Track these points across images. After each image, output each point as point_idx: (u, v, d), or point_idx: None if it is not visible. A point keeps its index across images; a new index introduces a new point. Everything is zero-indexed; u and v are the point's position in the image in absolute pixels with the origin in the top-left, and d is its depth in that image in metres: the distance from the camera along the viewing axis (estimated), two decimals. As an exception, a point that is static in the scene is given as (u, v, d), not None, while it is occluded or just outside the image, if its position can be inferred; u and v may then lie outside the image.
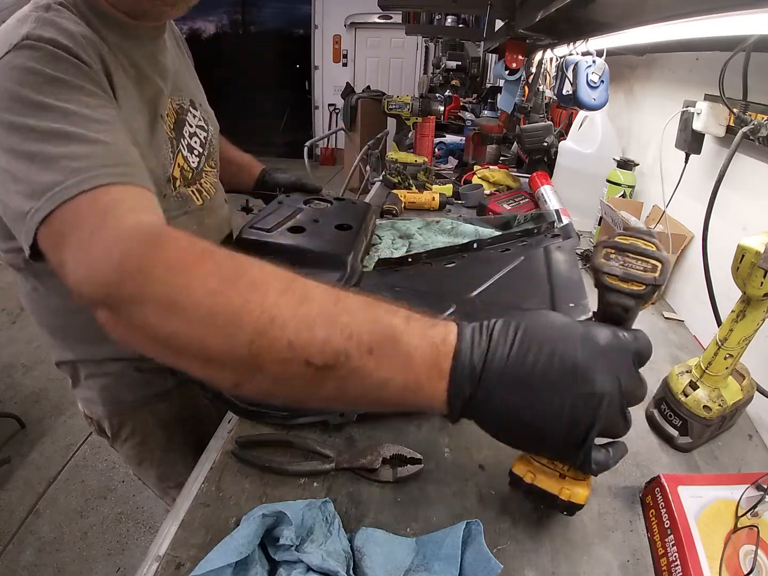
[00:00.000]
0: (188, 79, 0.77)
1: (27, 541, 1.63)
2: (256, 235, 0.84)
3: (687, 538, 0.47)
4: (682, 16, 0.69)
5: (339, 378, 0.35)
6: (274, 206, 0.96)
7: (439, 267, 0.91)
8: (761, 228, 0.58)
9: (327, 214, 0.98)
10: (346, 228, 0.93)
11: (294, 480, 0.56)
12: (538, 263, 0.89)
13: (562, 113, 1.91)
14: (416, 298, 0.80)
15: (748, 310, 0.56)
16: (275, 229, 0.87)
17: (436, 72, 4.53)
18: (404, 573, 0.46)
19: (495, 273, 0.86)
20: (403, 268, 0.91)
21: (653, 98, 1.27)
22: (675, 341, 0.90)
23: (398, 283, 0.86)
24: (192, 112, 0.73)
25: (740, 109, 0.78)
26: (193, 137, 0.72)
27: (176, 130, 0.67)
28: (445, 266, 0.91)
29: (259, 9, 6.72)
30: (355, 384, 0.36)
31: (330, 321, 0.35)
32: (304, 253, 0.83)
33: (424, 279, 0.88)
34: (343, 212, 1.00)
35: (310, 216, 0.94)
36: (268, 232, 0.86)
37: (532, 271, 0.88)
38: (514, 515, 0.54)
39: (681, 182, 0.93)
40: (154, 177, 0.58)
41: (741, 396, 0.64)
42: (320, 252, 0.83)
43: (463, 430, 0.65)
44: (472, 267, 0.90)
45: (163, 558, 0.47)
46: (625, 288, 0.40)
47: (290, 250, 0.83)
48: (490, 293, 0.82)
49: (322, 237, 0.88)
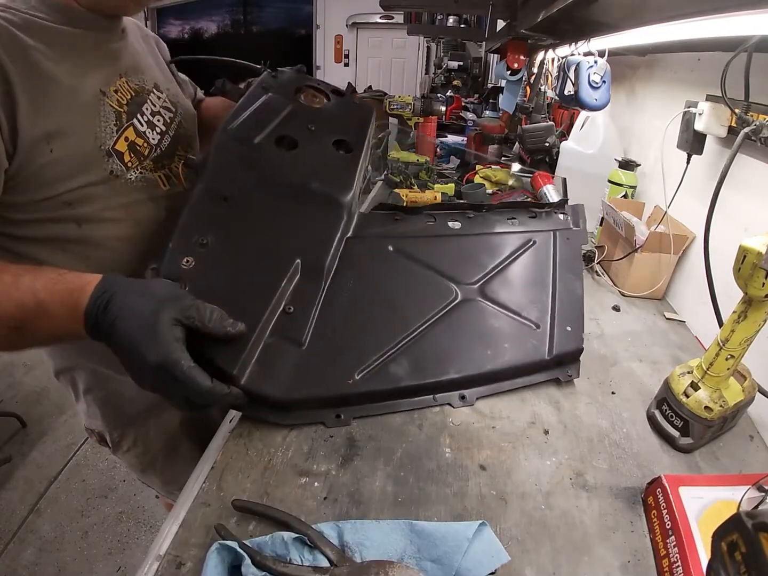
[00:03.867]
0: (154, 68, 0.78)
1: (28, 540, 1.64)
2: (236, 148, 0.72)
3: (688, 539, 0.47)
4: (683, 16, 0.69)
5: (23, 334, 0.54)
6: (257, 92, 0.79)
7: (442, 226, 0.81)
8: (763, 229, 0.58)
9: (323, 118, 0.82)
10: (345, 146, 0.79)
11: (295, 479, 0.56)
12: (544, 257, 0.81)
13: (564, 113, 1.91)
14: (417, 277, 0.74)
15: (749, 310, 0.56)
16: (259, 134, 0.74)
17: (437, 72, 4.53)
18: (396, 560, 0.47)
19: (499, 257, 0.79)
20: (403, 218, 0.80)
21: (655, 98, 1.27)
22: (676, 342, 0.90)
23: (397, 245, 0.76)
24: (156, 93, 0.74)
25: (742, 110, 0.78)
26: (155, 115, 0.73)
27: (130, 105, 0.68)
28: (448, 224, 0.81)
29: (260, 9, 6.72)
30: (34, 338, 0.56)
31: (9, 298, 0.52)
32: (297, 189, 0.71)
33: (424, 245, 0.78)
34: (342, 117, 0.85)
35: (303, 119, 0.79)
36: (251, 145, 0.73)
37: (537, 267, 0.81)
38: (515, 515, 0.54)
39: (683, 183, 0.93)
40: (82, 149, 0.60)
41: (742, 397, 0.64)
42: (318, 192, 0.71)
43: (464, 431, 0.65)
44: (478, 242, 0.81)
45: (164, 557, 0.47)
46: None
47: (280, 181, 0.72)
48: (494, 285, 0.76)
49: (318, 160, 0.75)
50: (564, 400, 0.72)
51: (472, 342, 0.70)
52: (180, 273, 0.60)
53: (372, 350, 0.65)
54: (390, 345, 0.66)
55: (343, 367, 0.63)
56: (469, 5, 1.88)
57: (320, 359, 0.63)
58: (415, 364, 0.66)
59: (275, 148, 0.74)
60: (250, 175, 0.71)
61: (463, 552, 0.47)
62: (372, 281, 0.72)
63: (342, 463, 0.59)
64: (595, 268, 1.14)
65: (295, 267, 0.66)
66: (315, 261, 0.68)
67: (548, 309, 0.75)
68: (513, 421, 0.67)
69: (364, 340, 0.66)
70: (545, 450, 0.63)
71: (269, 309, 0.62)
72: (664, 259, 1.00)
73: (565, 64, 1.27)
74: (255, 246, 0.67)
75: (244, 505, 0.51)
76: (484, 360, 0.69)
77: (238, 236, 0.67)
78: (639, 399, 0.74)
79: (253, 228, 0.68)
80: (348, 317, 0.67)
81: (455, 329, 0.70)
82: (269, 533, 0.48)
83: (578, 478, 0.59)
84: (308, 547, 0.47)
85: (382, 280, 0.73)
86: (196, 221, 0.65)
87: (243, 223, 0.68)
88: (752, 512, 0.29)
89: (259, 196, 0.70)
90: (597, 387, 0.76)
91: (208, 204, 0.67)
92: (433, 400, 0.68)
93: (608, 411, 0.71)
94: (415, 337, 0.68)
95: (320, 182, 0.72)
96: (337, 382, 0.62)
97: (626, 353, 0.85)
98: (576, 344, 0.73)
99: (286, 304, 0.64)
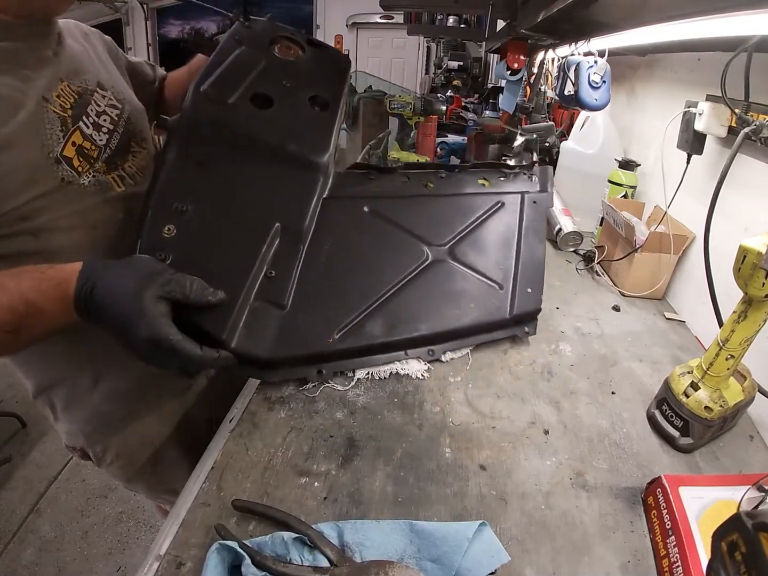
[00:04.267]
0: (97, 66, 0.77)
1: (28, 540, 1.64)
2: (210, 109, 0.70)
3: (688, 539, 0.47)
4: (683, 16, 0.69)
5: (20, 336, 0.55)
6: (230, 45, 0.77)
7: (417, 186, 0.82)
8: (763, 229, 0.58)
9: (298, 72, 0.80)
10: (321, 102, 0.78)
11: (295, 479, 0.56)
12: (511, 220, 0.85)
13: (564, 113, 1.91)
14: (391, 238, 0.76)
15: (749, 310, 0.56)
16: (233, 94, 0.72)
17: (437, 72, 4.53)
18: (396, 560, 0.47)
19: (469, 218, 0.82)
20: (378, 178, 0.81)
21: (655, 98, 1.27)
22: (676, 342, 0.90)
23: (372, 206, 0.77)
24: (100, 92, 0.73)
25: (742, 110, 0.78)
26: (101, 116, 0.71)
27: (74, 108, 0.67)
28: (423, 185, 0.82)
29: (261, 9, 6.72)
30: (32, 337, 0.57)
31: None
32: (273, 151, 0.71)
33: (398, 206, 0.79)
34: (317, 70, 0.84)
35: (278, 74, 0.77)
36: (225, 104, 0.71)
37: (504, 230, 0.84)
38: (515, 515, 0.54)
39: (683, 183, 0.93)
40: (30, 159, 0.59)
41: (742, 397, 0.64)
42: (295, 154, 0.71)
43: (464, 431, 0.65)
44: (449, 203, 0.83)
45: (164, 557, 0.47)
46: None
47: (256, 143, 0.71)
48: (463, 247, 0.79)
49: (294, 119, 0.74)
50: (564, 400, 0.72)
51: (441, 301, 0.75)
52: (162, 242, 0.61)
53: (349, 310, 0.69)
54: (365, 305, 0.70)
55: (323, 326, 0.68)
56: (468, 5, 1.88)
57: (302, 320, 0.66)
58: (389, 323, 0.71)
59: (250, 108, 0.72)
60: (226, 138, 0.70)
61: (463, 552, 0.47)
62: (348, 243, 0.74)
63: (342, 463, 0.59)
64: (595, 268, 1.14)
65: (274, 231, 0.67)
66: (294, 224, 0.70)
67: (512, 271, 0.80)
68: (513, 421, 0.68)
69: (341, 300, 0.70)
70: (545, 450, 0.63)
71: (252, 274, 0.64)
72: (664, 259, 1.00)
73: (565, 64, 1.27)
74: (234, 211, 0.67)
75: (244, 505, 0.51)
76: (452, 318, 0.75)
77: (216, 202, 0.67)
78: (639, 399, 0.74)
79: (231, 193, 0.69)
80: (326, 278, 0.70)
81: (426, 289, 0.74)
82: (269, 533, 0.48)
83: (578, 478, 0.59)
84: (308, 547, 0.47)
85: (357, 241, 0.75)
86: (173, 188, 0.65)
87: (220, 188, 0.68)
88: (752, 512, 0.30)
89: (236, 159, 0.70)
90: (597, 387, 0.76)
91: (184, 169, 0.67)
92: (404, 355, 0.73)
93: (608, 411, 0.71)
94: (388, 297, 0.72)
95: (296, 143, 0.71)
96: (318, 341, 0.67)
97: (626, 353, 0.85)
98: (535, 305, 0.80)
99: (268, 269, 0.66)
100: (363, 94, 2.43)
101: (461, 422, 0.66)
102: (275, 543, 0.47)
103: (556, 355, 0.83)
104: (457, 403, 0.70)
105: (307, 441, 0.61)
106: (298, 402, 0.68)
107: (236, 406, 0.68)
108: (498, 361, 0.80)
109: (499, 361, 0.80)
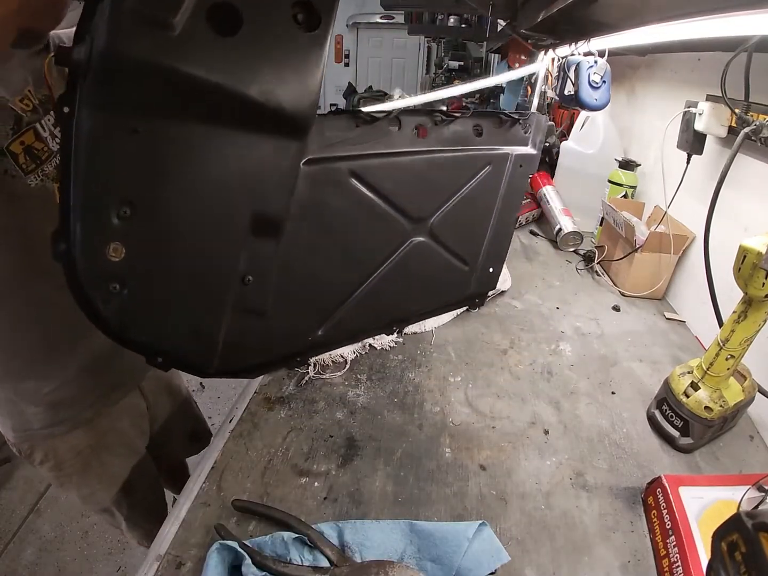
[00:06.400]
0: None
1: (28, 540, 1.64)
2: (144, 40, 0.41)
3: (688, 539, 0.47)
4: (683, 16, 0.69)
5: None
6: None
7: (406, 137, 0.68)
8: (763, 229, 0.58)
9: None
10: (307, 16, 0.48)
11: (295, 479, 0.56)
12: (494, 186, 0.79)
13: (564, 113, 1.91)
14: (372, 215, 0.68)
15: (749, 310, 0.56)
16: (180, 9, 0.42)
17: (438, 72, 4.53)
18: (396, 560, 0.47)
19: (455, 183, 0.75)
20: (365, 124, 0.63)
21: (655, 98, 1.27)
22: (676, 342, 0.90)
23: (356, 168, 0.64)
24: None
25: (742, 110, 0.78)
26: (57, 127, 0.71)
27: (35, 113, 0.67)
28: (414, 133, 0.68)
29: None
30: None
31: None
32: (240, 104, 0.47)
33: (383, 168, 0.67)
34: None
35: None
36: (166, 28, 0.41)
37: (486, 199, 0.79)
38: (515, 515, 0.54)
39: (683, 183, 0.93)
40: None
41: (742, 397, 0.64)
42: (270, 106, 0.48)
43: (464, 431, 0.65)
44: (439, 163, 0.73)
45: (164, 557, 0.47)
46: None
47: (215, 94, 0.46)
48: (444, 222, 0.75)
49: (271, 47, 0.47)
50: (564, 400, 0.72)
51: (415, 286, 0.75)
52: (109, 270, 0.45)
53: (329, 304, 0.68)
54: (345, 297, 0.68)
55: (305, 324, 0.66)
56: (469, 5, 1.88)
57: (284, 320, 0.62)
58: (369, 312, 0.71)
59: (207, 33, 0.44)
60: (171, 89, 0.45)
61: (464, 552, 0.47)
62: (328, 225, 0.64)
63: (342, 463, 0.59)
64: (595, 268, 1.14)
65: (246, 225, 0.53)
66: (269, 211, 0.55)
67: (481, 246, 0.80)
68: (513, 421, 0.68)
69: (322, 293, 0.67)
70: (545, 450, 0.63)
71: (226, 287, 0.54)
72: (664, 259, 0.99)
73: (565, 64, 1.27)
74: (193, 203, 0.50)
75: (244, 505, 0.51)
76: (422, 301, 0.77)
77: (168, 192, 0.48)
78: (639, 399, 0.74)
79: (187, 175, 0.49)
80: (305, 271, 0.63)
81: (403, 274, 0.73)
82: (269, 533, 0.48)
83: (578, 478, 0.59)
84: (308, 547, 0.47)
85: (338, 222, 0.65)
86: (103, 180, 0.44)
87: (171, 169, 0.48)
88: (752, 512, 0.30)
89: (187, 122, 0.47)
90: (597, 387, 0.76)
91: (111, 144, 0.44)
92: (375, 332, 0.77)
93: (608, 411, 0.71)
94: (368, 286, 0.70)
95: (279, 92, 0.49)
96: (301, 338, 0.66)
97: (626, 353, 0.85)
98: (491, 285, 0.83)
99: (244, 274, 0.55)
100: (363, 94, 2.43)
101: (461, 422, 0.66)
102: (275, 543, 0.47)
103: (556, 355, 0.83)
104: (457, 403, 0.70)
105: (307, 441, 0.61)
106: (298, 402, 0.68)
107: (236, 406, 0.68)
108: (498, 361, 0.80)
109: (499, 361, 0.80)
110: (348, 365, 0.76)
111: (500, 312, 0.95)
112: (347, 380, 0.73)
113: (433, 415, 0.67)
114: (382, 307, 0.72)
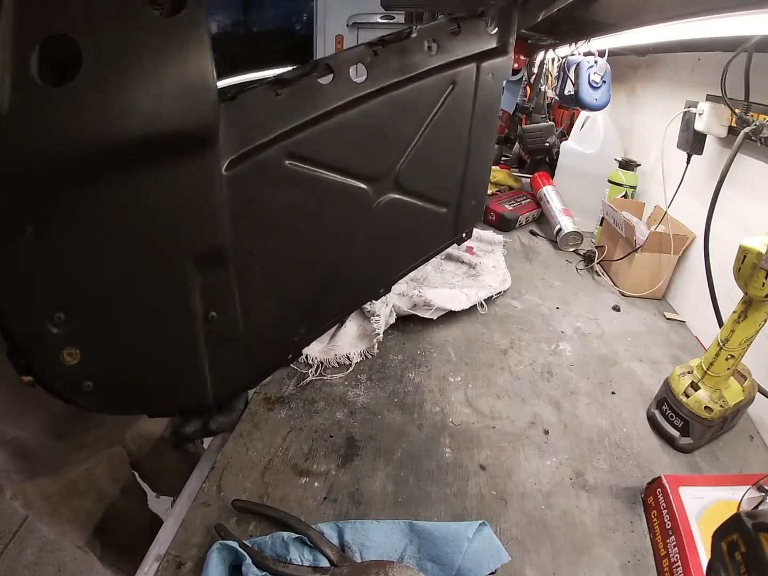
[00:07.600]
0: None
1: (28, 539, 1.63)
2: None
3: (688, 539, 0.47)
4: (683, 16, 0.69)
5: None
6: None
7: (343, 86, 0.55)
8: (763, 229, 0.58)
9: None
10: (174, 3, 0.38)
11: (295, 479, 0.56)
12: (463, 109, 0.68)
13: (564, 113, 1.91)
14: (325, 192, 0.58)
15: (749, 310, 0.56)
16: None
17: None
18: (396, 560, 0.47)
19: (415, 122, 0.63)
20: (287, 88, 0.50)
21: (655, 98, 1.27)
22: (676, 342, 0.90)
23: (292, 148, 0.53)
24: None
25: (742, 110, 0.78)
26: None
27: None
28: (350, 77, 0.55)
29: (260, 9, 6.72)
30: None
31: None
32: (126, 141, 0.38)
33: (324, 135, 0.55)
34: None
35: None
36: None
37: (456, 125, 0.69)
38: (515, 515, 0.54)
39: (683, 183, 0.93)
40: None
41: (742, 397, 0.64)
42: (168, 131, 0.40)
43: (464, 431, 0.65)
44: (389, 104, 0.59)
45: (164, 557, 0.47)
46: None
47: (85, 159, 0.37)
48: (410, 170, 0.65)
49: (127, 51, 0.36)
50: (564, 400, 0.72)
51: (394, 247, 0.71)
52: (77, 375, 0.43)
53: (306, 300, 0.63)
54: (321, 287, 0.63)
55: (285, 328, 0.64)
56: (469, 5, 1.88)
57: (263, 334, 0.59)
58: (351, 290, 0.69)
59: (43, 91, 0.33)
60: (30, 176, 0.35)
61: (464, 552, 0.47)
62: (278, 224, 0.57)
63: (342, 463, 0.59)
64: (595, 268, 1.14)
65: (187, 268, 0.48)
66: (205, 246, 0.49)
67: (459, 180, 0.72)
68: (513, 421, 0.68)
69: (295, 294, 0.61)
70: (545, 450, 0.63)
71: (197, 335, 0.51)
72: (664, 259, 1.00)
73: (565, 64, 1.27)
74: (123, 281, 0.44)
75: (244, 505, 0.51)
76: (405, 259, 0.74)
77: (92, 283, 0.42)
78: (639, 399, 0.74)
79: (100, 259, 0.42)
80: (270, 279, 0.57)
81: (375, 242, 0.66)
82: (269, 533, 0.48)
83: (578, 478, 0.59)
84: (308, 547, 0.47)
85: (287, 217, 0.57)
86: (17, 296, 0.39)
87: (81, 258, 0.41)
88: (752, 512, 0.30)
89: (76, 203, 0.39)
90: (597, 387, 0.76)
91: (9, 260, 0.37)
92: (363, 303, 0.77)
93: (608, 411, 0.71)
94: (342, 268, 0.64)
95: (154, 109, 0.38)
96: (286, 343, 0.64)
97: (626, 353, 0.85)
98: (477, 218, 0.79)
99: (205, 313, 0.51)
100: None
101: (461, 422, 0.66)
102: (275, 543, 0.47)
103: (556, 355, 0.83)
104: (457, 403, 0.70)
105: (307, 441, 0.61)
106: (298, 402, 0.68)
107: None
108: (498, 361, 0.80)
109: (499, 361, 0.80)
110: (352, 367, 0.76)
111: (500, 312, 0.95)
112: (347, 380, 0.73)
113: (433, 415, 0.67)
114: (364, 279, 0.70)
